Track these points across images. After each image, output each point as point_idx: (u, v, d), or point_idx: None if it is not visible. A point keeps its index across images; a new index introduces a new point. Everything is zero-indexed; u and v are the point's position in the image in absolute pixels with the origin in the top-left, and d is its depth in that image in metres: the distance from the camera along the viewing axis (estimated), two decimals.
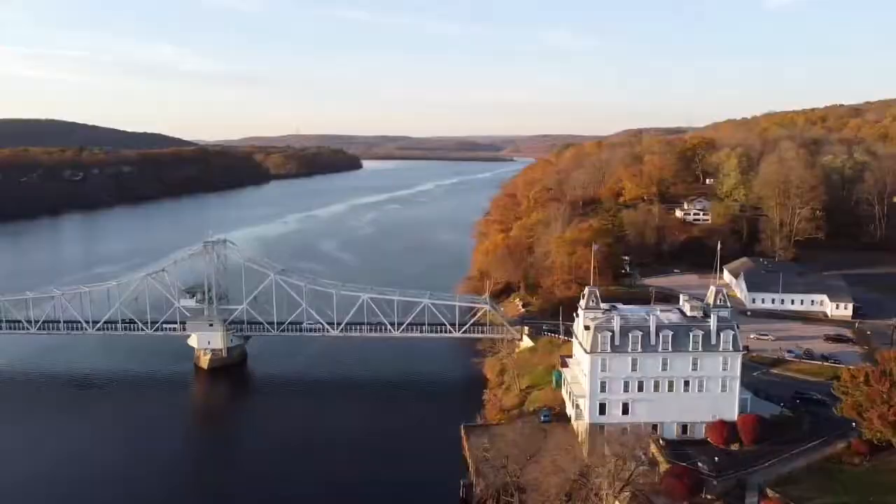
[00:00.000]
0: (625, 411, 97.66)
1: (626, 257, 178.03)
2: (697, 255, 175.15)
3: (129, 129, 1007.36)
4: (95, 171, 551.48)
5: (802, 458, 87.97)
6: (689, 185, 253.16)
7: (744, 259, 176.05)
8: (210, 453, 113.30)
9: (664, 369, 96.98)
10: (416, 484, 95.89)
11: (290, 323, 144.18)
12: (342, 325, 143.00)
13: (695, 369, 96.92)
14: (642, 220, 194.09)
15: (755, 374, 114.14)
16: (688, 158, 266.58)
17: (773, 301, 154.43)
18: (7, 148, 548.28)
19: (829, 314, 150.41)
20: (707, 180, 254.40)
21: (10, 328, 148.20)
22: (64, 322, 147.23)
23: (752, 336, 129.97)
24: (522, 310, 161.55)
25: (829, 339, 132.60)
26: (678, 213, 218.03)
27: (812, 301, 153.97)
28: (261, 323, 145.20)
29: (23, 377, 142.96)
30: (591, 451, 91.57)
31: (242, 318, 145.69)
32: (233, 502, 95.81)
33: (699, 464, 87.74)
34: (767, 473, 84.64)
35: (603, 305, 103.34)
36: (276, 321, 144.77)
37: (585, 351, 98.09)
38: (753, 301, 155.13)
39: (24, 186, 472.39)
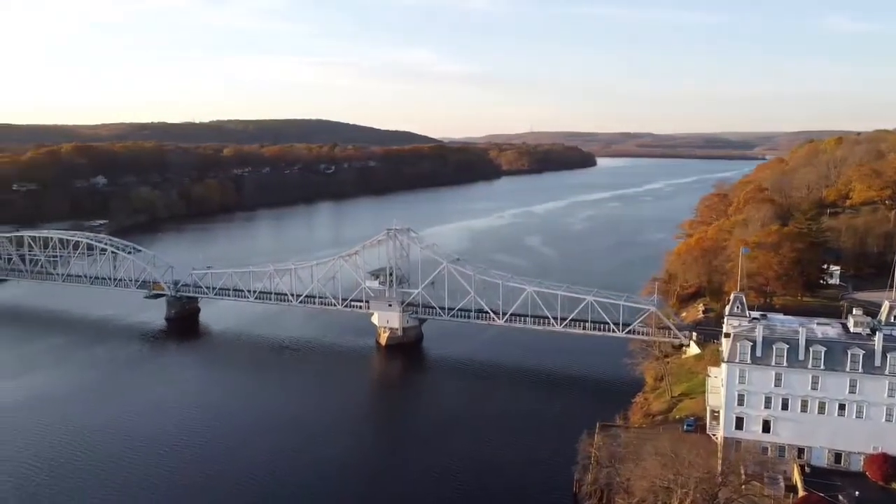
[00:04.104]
0: (765, 429, 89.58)
1: (836, 267, 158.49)
2: None
3: (384, 128, 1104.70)
4: (345, 166, 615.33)
5: None
6: None
7: None
8: (375, 415, 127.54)
9: (814, 388, 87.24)
10: (539, 471, 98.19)
11: (459, 309, 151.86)
12: (507, 316, 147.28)
13: (852, 392, 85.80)
14: (865, 225, 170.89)
15: None
16: None
17: None
18: (279, 145, 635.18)
19: None
20: None
21: (236, 297, 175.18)
22: (274, 294, 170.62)
23: None
24: (702, 315, 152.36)
25: None
26: None
27: None
28: (433, 307, 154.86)
29: (243, 338, 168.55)
30: (724, 465, 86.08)
31: (418, 301, 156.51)
32: (392, 455, 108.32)
33: (840, 497, 78.40)
34: None
35: (753, 314, 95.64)
36: (447, 307, 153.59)
37: (723, 360, 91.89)
38: None
39: (286, 178, 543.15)
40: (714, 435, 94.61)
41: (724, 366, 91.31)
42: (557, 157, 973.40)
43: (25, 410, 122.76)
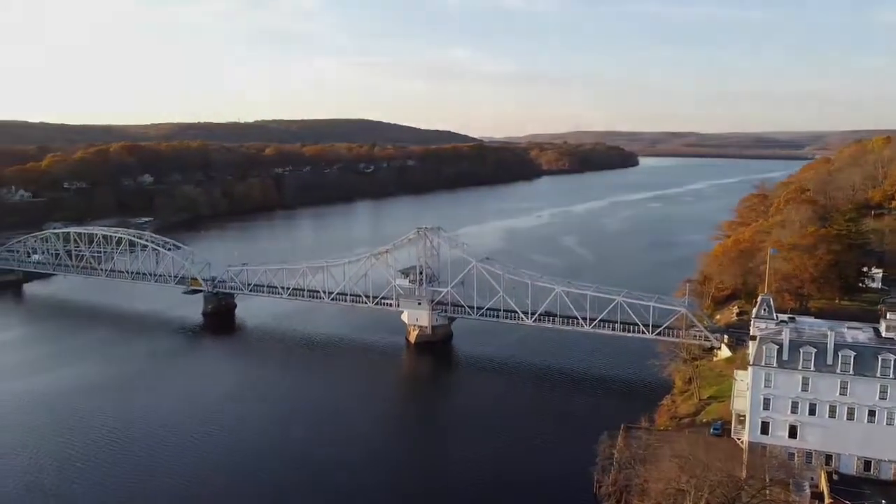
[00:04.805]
0: (792, 434, 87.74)
1: (878, 270, 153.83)
2: None
3: (425, 128, 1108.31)
4: (384, 165, 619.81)
5: None
6: None
7: None
8: (400, 411, 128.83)
9: (843, 394, 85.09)
10: (561, 470, 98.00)
11: (488, 309, 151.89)
12: (536, 315, 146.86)
13: (883, 398, 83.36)
14: None
15: None
16: None
17: None
18: (318, 144, 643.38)
19: None
20: None
21: (270, 293, 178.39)
22: (307, 291, 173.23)
23: None
24: (736, 318, 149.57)
25: None
26: None
27: None
28: (462, 306, 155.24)
29: (276, 334, 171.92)
30: (749, 470, 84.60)
31: (447, 300, 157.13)
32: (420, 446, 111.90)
33: None
34: None
35: (781, 316, 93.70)
36: (476, 306, 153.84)
37: (748, 363, 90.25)
38: None
39: (326, 177, 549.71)
40: (739, 439, 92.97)
41: (749, 369, 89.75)
42: (599, 156, 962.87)
43: (67, 400, 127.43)
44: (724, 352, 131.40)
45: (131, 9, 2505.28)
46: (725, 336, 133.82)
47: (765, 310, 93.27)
